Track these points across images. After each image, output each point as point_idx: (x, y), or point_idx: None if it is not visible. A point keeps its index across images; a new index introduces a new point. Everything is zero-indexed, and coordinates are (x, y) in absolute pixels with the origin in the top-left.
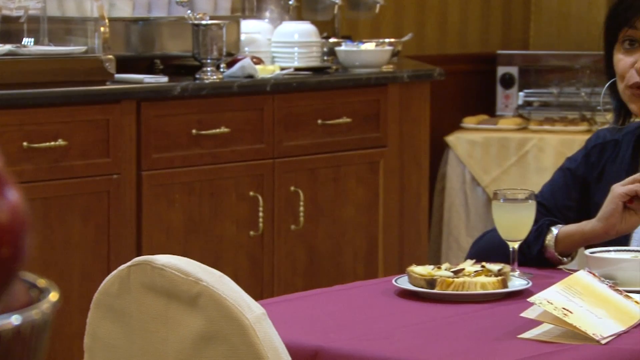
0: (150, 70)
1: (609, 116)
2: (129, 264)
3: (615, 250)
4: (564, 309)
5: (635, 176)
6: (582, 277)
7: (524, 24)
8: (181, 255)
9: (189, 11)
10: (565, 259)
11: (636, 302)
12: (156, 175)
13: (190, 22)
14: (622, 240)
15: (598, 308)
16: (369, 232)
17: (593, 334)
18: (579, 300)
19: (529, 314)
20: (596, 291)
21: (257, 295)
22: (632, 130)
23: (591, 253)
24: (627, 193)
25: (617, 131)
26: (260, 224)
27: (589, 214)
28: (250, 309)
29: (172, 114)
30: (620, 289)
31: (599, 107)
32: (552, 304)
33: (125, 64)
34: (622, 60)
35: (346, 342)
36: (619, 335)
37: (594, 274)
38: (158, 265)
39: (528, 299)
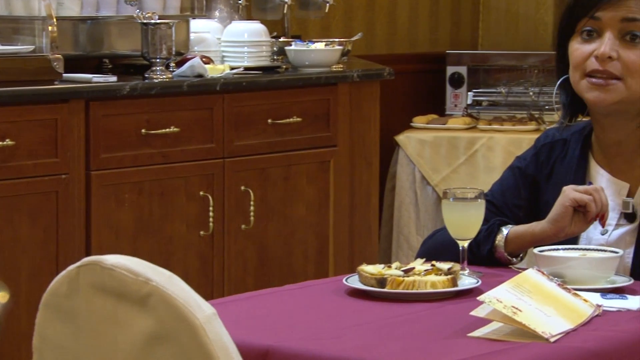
0: (98, 69)
1: (557, 115)
2: (78, 264)
3: (563, 249)
4: (513, 307)
5: (588, 188)
6: (531, 275)
7: (473, 23)
8: (131, 256)
9: (138, 10)
10: (514, 259)
11: (584, 300)
12: (105, 175)
13: (139, 21)
14: (571, 239)
15: (547, 306)
16: (320, 231)
17: (542, 332)
18: (528, 298)
19: (478, 312)
20: (545, 289)
21: (208, 295)
22: (579, 130)
23: (540, 252)
24: (578, 202)
25: (565, 130)
26: (211, 224)
27: (539, 212)
28: (201, 309)
29: (121, 114)
30: (568, 287)
31: (547, 107)
32: (501, 302)
33: (73, 64)
34: (579, 49)
35: (297, 342)
36: (567, 333)
37: (542, 273)
38: (107, 265)
39: (478, 298)
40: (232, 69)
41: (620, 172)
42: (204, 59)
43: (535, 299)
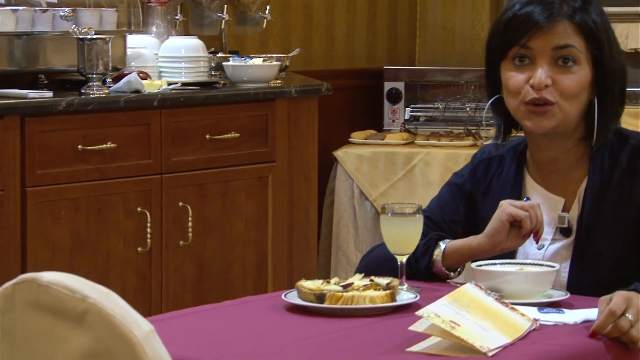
0: (34, 85)
1: (493, 131)
2: (13, 281)
3: (501, 264)
4: (451, 321)
5: (525, 203)
6: (468, 290)
7: (410, 39)
8: (68, 273)
9: (74, 26)
10: (452, 273)
11: (522, 314)
12: (41, 192)
13: (75, 36)
14: (509, 253)
15: (485, 321)
16: (258, 247)
17: (480, 347)
18: (466, 313)
19: (417, 327)
20: (483, 304)
21: (146, 312)
22: (514, 146)
23: (477, 266)
24: (514, 217)
25: (501, 147)
26: (149, 240)
27: (476, 228)
28: (139, 326)
29: (57, 130)
30: (506, 301)
31: (483, 122)
32: (439, 317)
33: (8, 79)
34: (514, 77)
35: (236, 358)
36: (505, 347)
37: (480, 287)
38: (44, 282)
39: (416, 312)
40: (169, 84)
41: (556, 188)
42: (141, 75)
43: (473, 313)
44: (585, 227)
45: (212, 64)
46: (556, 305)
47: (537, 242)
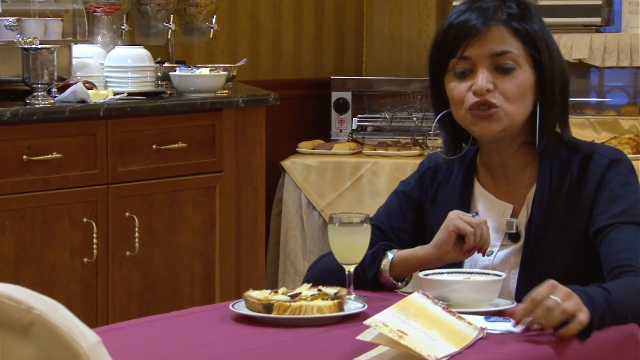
0: None
1: (440, 141)
2: None
3: (448, 273)
4: (399, 330)
5: (472, 220)
6: (416, 299)
7: (357, 49)
8: (13, 284)
9: (19, 35)
10: (399, 283)
11: (469, 323)
12: None
13: (20, 46)
14: (457, 262)
15: (432, 330)
16: (206, 257)
17: (427, 356)
18: (413, 322)
19: (365, 336)
20: (430, 313)
21: (92, 323)
22: (463, 154)
23: (425, 275)
24: (460, 230)
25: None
26: (95, 251)
27: (425, 236)
28: (85, 337)
29: (1, 140)
30: (453, 310)
31: (430, 132)
32: (387, 326)
33: None
34: (457, 87)
35: None
36: (452, 356)
37: (427, 296)
38: None
39: (364, 322)
40: (115, 94)
41: (505, 194)
42: (86, 85)
43: (420, 322)
44: (534, 233)
45: (159, 74)
46: (503, 314)
47: (483, 255)
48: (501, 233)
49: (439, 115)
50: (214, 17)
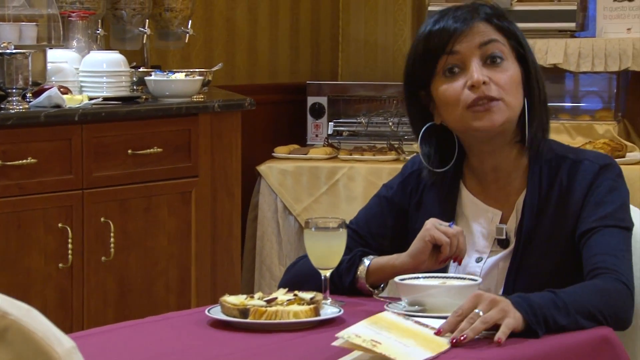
0: None
1: (416, 145)
2: None
3: (424, 277)
4: (372, 340)
5: (449, 230)
6: (386, 315)
7: (333, 54)
8: None
9: None
10: (376, 290)
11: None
12: None
13: None
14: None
15: (406, 338)
16: (182, 262)
17: None
18: (386, 332)
19: (339, 342)
20: (402, 326)
21: (67, 329)
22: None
23: (401, 280)
24: (436, 240)
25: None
26: (70, 256)
27: (407, 241)
28: (60, 343)
29: None
30: (426, 323)
31: (406, 137)
32: (360, 337)
33: None
34: (449, 87)
35: None
36: None
37: (398, 314)
38: None
39: (336, 334)
40: (90, 99)
41: (493, 200)
42: (61, 89)
43: (394, 333)
44: (523, 239)
45: (134, 79)
46: None
47: (459, 265)
48: (490, 239)
49: (423, 128)
50: (190, 21)
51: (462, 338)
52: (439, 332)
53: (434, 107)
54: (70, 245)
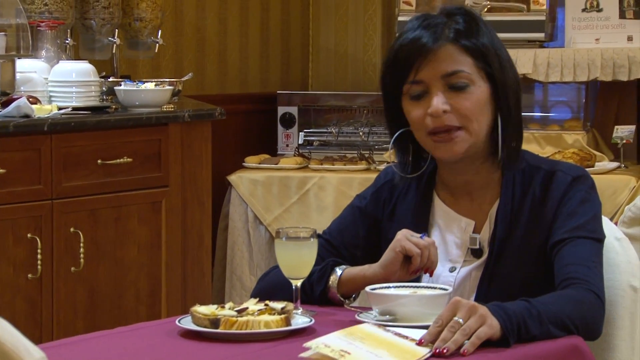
0: None
1: (386, 154)
2: None
3: (395, 287)
4: (341, 350)
5: (420, 241)
6: (364, 327)
7: (303, 64)
8: None
9: None
10: (347, 300)
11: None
12: None
13: None
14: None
15: (379, 349)
16: (152, 272)
17: None
18: (359, 343)
19: (308, 353)
20: (379, 337)
21: (37, 339)
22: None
23: (371, 289)
24: (407, 251)
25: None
26: (39, 267)
27: (380, 250)
28: (30, 354)
29: None
30: (407, 335)
31: (376, 146)
32: (329, 347)
33: None
34: (413, 110)
35: None
36: None
37: (379, 326)
38: None
39: (304, 344)
40: (60, 109)
41: (467, 210)
42: (30, 99)
43: (367, 343)
44: (496, 249)
45: (104, 89)
46: None
47: (430, 276)
48: (464, 249)
49: (396, 135)
50: (159, 31)
51: (444, 351)
52: (420, 343)
53: None
54: (39, 256)
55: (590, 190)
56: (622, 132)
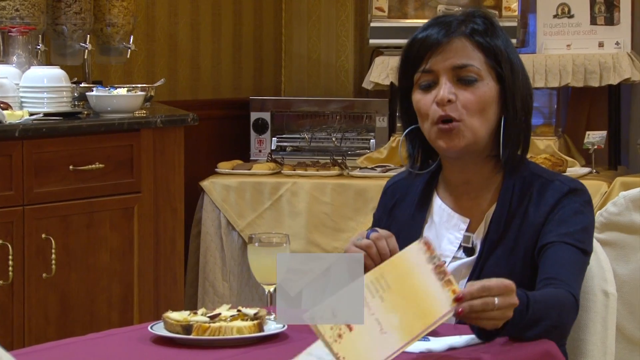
0: None
1: (359, 160)
2: None
3: None
4: (339, 332)
5: (362, 242)
6: (410, 256)
7: (276, 70)
8: None
9: None
10: None
11: (453, 291)
12: None
13: None
14: None
15: (392, 313)
16: (124, 278)
17: None
18: (379, 300)
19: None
20: (408, 283)
21: (8, 346)
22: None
23: None
24: (363, 248)
25: (413, 175)
26: (10, 273)
27: None
28: None
29: None
30: (446, 270)
31: (349, 152)
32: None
33: None
34: (422, 99)
35: None
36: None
37: (428, 248)
38: None
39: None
40: (31, 114)
41: (464, 209)
42: (1, 105)
43: (387, 299)
44: (487, 249)
45: (75, 94)
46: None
47: None
48: (455, 245)
49: (407, 130)
50: (132, 37)
51: (460, 310)
52: (460, 298)
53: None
54: (10, 262)
55: (586, 204)
56: (594, 137)
